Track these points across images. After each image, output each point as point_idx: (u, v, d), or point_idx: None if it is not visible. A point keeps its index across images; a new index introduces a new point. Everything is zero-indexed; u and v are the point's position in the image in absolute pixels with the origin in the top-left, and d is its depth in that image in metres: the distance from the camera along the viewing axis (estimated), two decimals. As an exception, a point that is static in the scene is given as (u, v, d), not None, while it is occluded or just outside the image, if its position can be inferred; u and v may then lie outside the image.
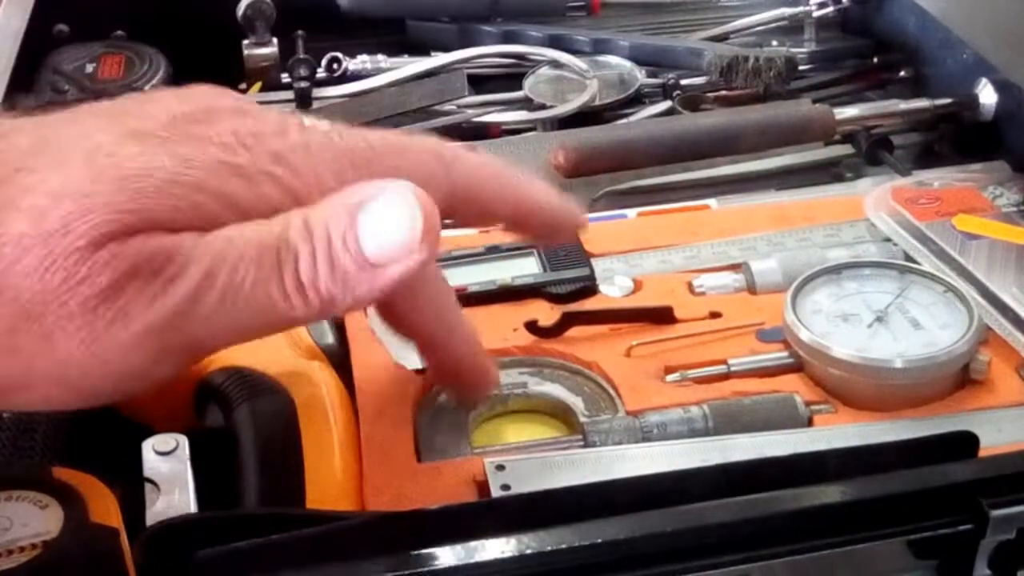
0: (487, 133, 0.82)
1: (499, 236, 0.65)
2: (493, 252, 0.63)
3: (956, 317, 0.55)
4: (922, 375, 0.53)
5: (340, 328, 0.58)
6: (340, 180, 0.40)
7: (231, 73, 0.86)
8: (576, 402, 0.55)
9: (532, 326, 0.58)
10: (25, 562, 0.41)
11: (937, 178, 0.68)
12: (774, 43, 0.93)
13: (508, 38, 0.92)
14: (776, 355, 0.56)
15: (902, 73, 0.88)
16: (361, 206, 0.38)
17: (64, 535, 0.42)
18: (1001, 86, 0.76)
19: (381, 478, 0.50)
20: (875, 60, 0.90)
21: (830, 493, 0.41)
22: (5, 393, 0.37)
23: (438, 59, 0.89)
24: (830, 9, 0.94)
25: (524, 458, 0.50)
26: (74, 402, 0.38)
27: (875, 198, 0.66)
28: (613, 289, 0.62)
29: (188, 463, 0.50)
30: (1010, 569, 0.42)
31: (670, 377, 0.55)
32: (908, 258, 0.61)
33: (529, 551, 0.38)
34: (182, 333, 0.37)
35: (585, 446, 0.51)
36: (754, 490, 0.40)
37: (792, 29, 0.95)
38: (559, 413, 0.55)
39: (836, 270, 0.59)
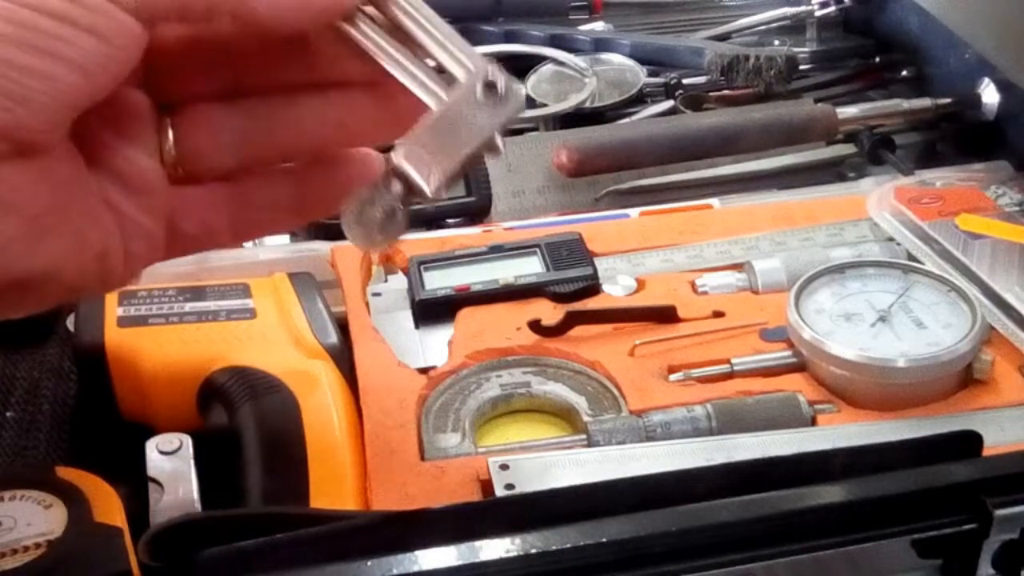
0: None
1: (502, 236, 0.65)
2: (496, 251, 0.63)
3: (959, 316, 0.55)
4: (925, 374, 0.53)
5: (343, 327, 0.58)
6: None
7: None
8: (580, 401, 0.55)
9: (535, 325, 0.58)
10: (29, 561, 0.41)
11: (939, 177, 0.69)
12: (776, 42, 0.93)
13: (510, 37, 0.92)
14: (779, 354, 0.56)
15: (904, 73, 0.88)
16: None
17: (68, 535, 0.42)
18: (1003, 86, 0.76)
19: (385, 477, 0.50)
20: (877, 60, 0.90)
21: (834, 493, 0.41)
22: None
23: (440, 58, 0.89)
24: (832, 9, 0.94)
25: (528, 457, 0.50)
26: None
27: (878, 197, 0.66)
28: (616, 288, 0.62)
29: (192, 462, 0.50)
30: (1014, 568, 0.42)
31: (673, 376, 0.55)
32: (911, 257, 0.61)
33: (533, 551, 0.38)
34: None
35: (589, 445, 0.51)
36: (757, 490, 0.40)
37: (794, 28, 0.95)
38: (563, 412, 0.55)
39: (839, 269, 0.59)
